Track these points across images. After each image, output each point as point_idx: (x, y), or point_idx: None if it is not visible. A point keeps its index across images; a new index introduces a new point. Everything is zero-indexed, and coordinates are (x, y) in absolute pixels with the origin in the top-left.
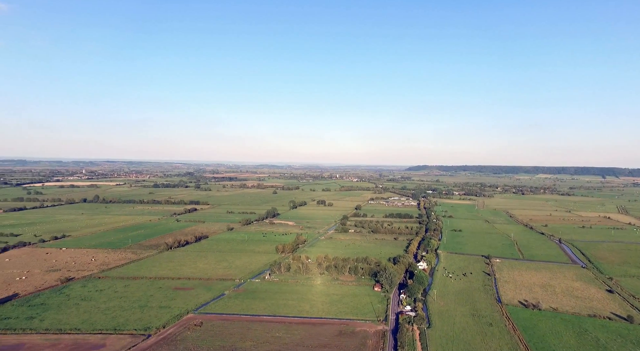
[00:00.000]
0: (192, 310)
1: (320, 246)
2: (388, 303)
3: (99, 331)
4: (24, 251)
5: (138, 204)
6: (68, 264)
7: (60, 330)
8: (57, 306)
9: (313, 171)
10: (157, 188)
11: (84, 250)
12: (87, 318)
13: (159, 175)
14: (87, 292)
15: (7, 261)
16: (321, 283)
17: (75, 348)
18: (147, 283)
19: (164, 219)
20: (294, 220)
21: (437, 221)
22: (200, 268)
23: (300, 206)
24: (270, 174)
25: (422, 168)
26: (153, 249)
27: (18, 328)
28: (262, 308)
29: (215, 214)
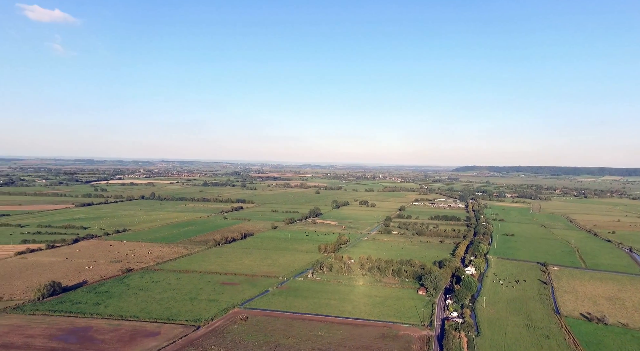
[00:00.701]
0: (238, 305)
1: (362, 247)
2: (433, 308)
3: (155, 319)
4: (92, 243)
5: (189, 201)
6: (128, 256)
7: (121, 316)
8: (118, 295)
9: (356, 171)
10: (207, 187)
11: (141, 243)
12: (144, 307)
13: (209, 174)
14: (144, 283)
15: (78, 251)
16: (363, 284)
17: (134, 334)
18: (197, 277)
19: (212, 216)
20: (336, 220)
21: (486, 224)
22: (246, 265)
23: (342, 206)
24: (313, 174)
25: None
26: (202, 244)
27: (87, 312)
28: (305, 307)
29: (260, 213)
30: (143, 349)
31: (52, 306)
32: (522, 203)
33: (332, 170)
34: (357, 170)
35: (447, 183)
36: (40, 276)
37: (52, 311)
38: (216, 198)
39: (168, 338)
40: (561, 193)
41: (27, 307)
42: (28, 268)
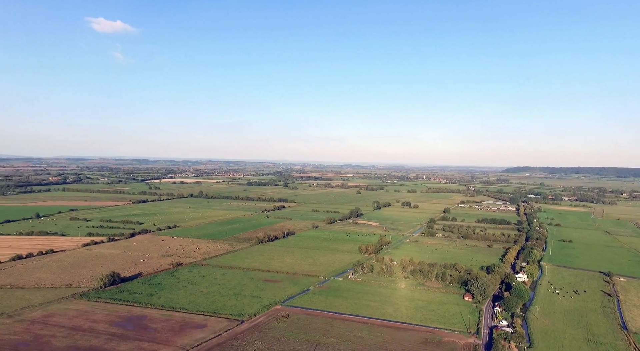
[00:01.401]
0: (279, 302)
1: (404, 249)
2: (480, 315)
3: (202, 312)
4: (146, 238)
5: (234, 200)
6: (178, 251)
7: (172, 307)
8: (169, 287)
9: (398, 171)
10: (250, 186)
11: (190, 239)
12: (192, 300)
13: (252, 174)
14: (192, 277)
15: (134, 245)
16: (405, 287)
17: (183, 324)
18: (241, 273)
19: (255, 214)
20: (378, 221)
21: (540, 229)
22: (287, 263)
23: (384, 207)
24: (354, 174)
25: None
26: (246, 242)
27: (142, 302)
28: (345, 307)
29: (302, 212)
30: (191, 340)
31: (113, 294)
32: (581, 207)
33: (373, 170)
34: (400, 170)
35: (496, 185)
36: (102, 266)
37: (112, 299)
38: (259, 197)
39: (214, 330)
40: (629, 196)
41: (92, 294)
42: (92, 259)
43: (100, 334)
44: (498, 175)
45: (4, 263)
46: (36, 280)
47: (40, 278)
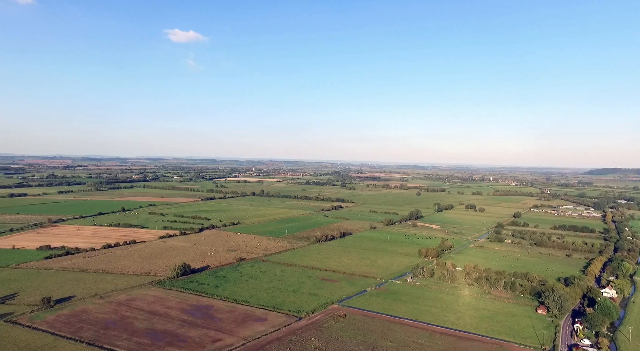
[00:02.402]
0: (336, 301)
1: (468, 254)
2: (557, 331)
3: (262, 306)
4: (213, 233)
5: (293, 199)
6: (241, 246)
7: (235, 300)
8: (233, 280)
9: (462, 172)
10: (309, 185)
11: (252, 236)
12: (254, 294)
13: (311, 173)
14: (254, 271)
15: (202, 239)
16: (469, 295)
17: (246, 317)
18: (299, 271)
19: (313, 214)
20: (439, 224)
21: (633, 239)
22: (345, 263)
23: (446, 209)
24: (414, 174)
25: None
26: (304, 240)
27: (209, 292)
28: (403, 311)
29: (359, 213)
30: (253, 332)
31: (184, 284)
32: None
33: (434, 171)
34: (464, 171)
35: (577, 188)
36: (175, 257)
37: (183, 289)
38: (317, 197)
39: (273, 324)
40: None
41: (166, 283)
42: (167, 250)
43: (173, 320)
44: (579, 177)
45: (97, 251)
46: (122, 267)
47: (125, 265)
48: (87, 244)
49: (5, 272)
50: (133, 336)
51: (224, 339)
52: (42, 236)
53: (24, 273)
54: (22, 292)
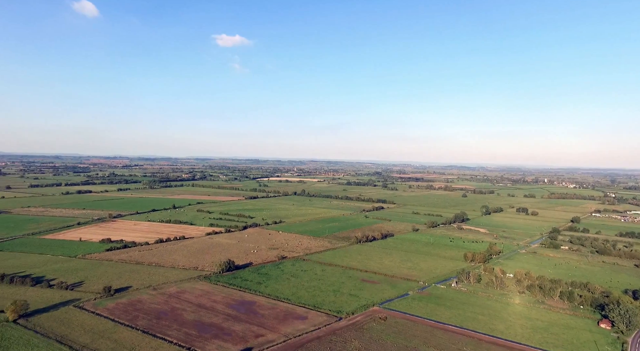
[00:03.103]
0: (377, 303)
1: (519, 260)
2: (624, 349)
3: (303, 305)
4: (256, 231)
5: (334, 199)
6: (283, 244)
7: (277, 297)
8: (275, 278)
9: (512, 173)
10: (349, 186)
11: (293, 235)
12: (295, 292)
13: (352, 174)
14: (295, 270)
15: (246, 237)
16: (520, 304)
17: (287, 314)
18: (340, 271)
19: (354, 214)
20: (486, 227)
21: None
22: (386, 265)
23: (494, 212)
24: (460, 175)
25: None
26: (345, 241)
27: (252, 289)
28: (447, 317)
29: (401, 214)
30: (293, 329)
31: (229, 279)
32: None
33: (482, 172)
34: (514, 173)
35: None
36: (220, 254)
37: (228, 284)
38: (358, 197)
39: (314, 323)
40: None
41: (212, 277)
42: (213, 247)
43: (218, 313)
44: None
45: (150, 245)
46: (172, 261)
47: (175, 260)
48: (142, 239)
49: (74, 262)
50: (182, 327)
51: (266, 335)
52: (103, 230)
53: (89, 263)
54: (88, 280)
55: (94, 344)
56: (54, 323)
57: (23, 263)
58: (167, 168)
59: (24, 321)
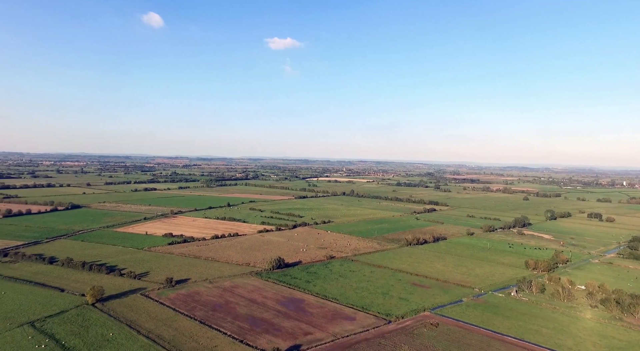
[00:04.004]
0: (428, 309)
1: (590, 270)
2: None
3: (351, 305)
4: (305, 230)
5: (383, 200)
6: (331, 244)
7: (325, 296)
8: (323, 277)
9: (583, 175)
10: (400, 187)
11: (342, 235)
12: (343, 292)
13: (402, 174)
14: (343, 270)
15: (295, 236)
16: (592, 319)
17: (335, 314)
18: (389, 273)
19: (404, 216)
20: (552, 234)
21: None
22: (438, 269)
23: (561, 217)
24: (521, 177)
25: None
26: (394, 243)
27: (301, 287)
28: (506, 327)
29: (454, 217)
30: (341, 329)
31: (279, 277)
32: None
33: (547, 173)
34: (585, 174)
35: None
36: (271, 251)
37: (278, 281)
38: (408, 198)
39: (362, 325)
40: None
41: (264, 274)
42: (264, 244)
43: (269, 309)
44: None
45: (207, 240)
46: (226, 256)
47: (229, 255)
48: (200, 234)
49: (141, 253)
50: (236, 320)
51: (314, 333)
52: (166, 225)
53: (153, 255)
54: (152, 271)
55: (157, 330)
56: (124, 308)
57: (99, 252)
58: (222, 168)
59: (100, 305)
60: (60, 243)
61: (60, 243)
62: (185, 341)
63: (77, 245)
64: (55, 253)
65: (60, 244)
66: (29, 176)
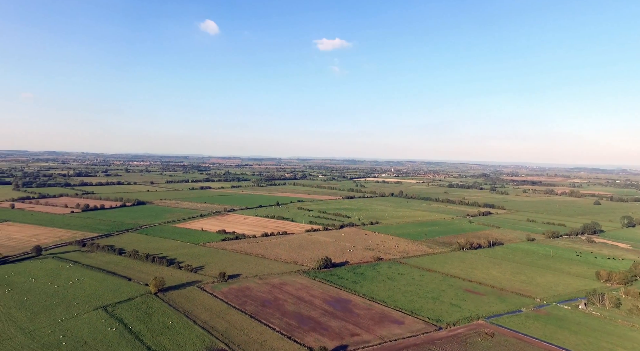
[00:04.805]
0: (483, 317)
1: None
2: None
3: (400, 309)
4: (352, 230)
5: (433, 202)
6: (379, 246)
7: (372, 298)
8: (371, 279)
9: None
10: (452, 188)
11: (389, 236)
12: (390, 295)
13: (454, 175)
14: (391, 273)
15: (342, 236)
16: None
17: (382, 316)
18: (439, 278)
19: (456, 219)
20: (629, 242)
21: None
22: (493, 276)
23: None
24: (591, 179)
25: None
26: (445, 246)
27: (348, 287)
28: (573, 343)
29: (512, 221)
30: (389, 333)
31: (326, 276)
32: None
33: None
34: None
35: None
36: (318, 250)
37: (325, 280)
38: (461, 201)
39: (411, 330)
40: None
41: (311, 273)
42: (311, 243)
43: (316, 308)
44: None
45: (257, 238)
46: (275, 254)
47: (278, 253)
48: (250, 232)
49: (197, 248)
50: (284, 316)
51: (361, 335)
52: (219, 222)
53: (208, 250)
54: (207, 265)
55: (211, 322)
56: (182, 299)
57: (160, 246)
58: (272, 168)
59: (161, 294)
60: (128, 236)
61: (127, 236)
62: (237, 334)
63: (142, 238)
64: (123, 245)
65: (128, 237)
66: (102, 175)
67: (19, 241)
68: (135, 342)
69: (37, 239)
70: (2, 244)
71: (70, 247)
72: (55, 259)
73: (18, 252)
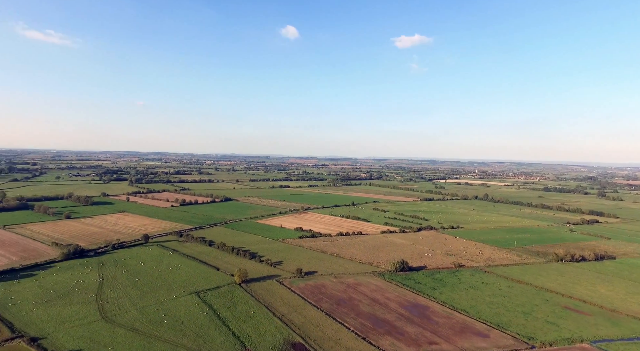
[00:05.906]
0: (588, 340)
1: None
2: None
3: (484, 321)
4: (430, 234)
5: (525, 206)
6: (460, 251)
7: (453, 306)
8: (451, 286)
9: None
10: (548, 192)
11: (472, 242)
12: (473, 305)
13: (551, 178)
14: (474, 281)
15: (420, 239)
16: None
17: (464, 327)
18: (532, 291)
19: (554, 226)
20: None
21: None
22: (602, 294)
23: None
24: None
25: None
26: (539, 256)
27: (426, 293)
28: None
29: (628, 232)
30: (472, 346)
31: (402, 279)
32: None
33: None
34: None
35: None
36: (394, 253)
37: (401, 284)
38: (560, 206)
39: (497, 345)
40: None
41: (386, 275)
42: (387, 245)
43: (391, 311)
44: None
45: (332, 237)
46: (350, 254)
47: (353, 253)
48: (326, 230)
49: (276, 244)
50: (358, 317)
51: (440, 344)
52: (297, 220)
53: (286, 246)
54: (285, 261)
55: (289, 315)
56: (262, 291)
57: (244, 240)
58: (348, 168)
59: (244, 285)
60: (217, 230)
61: (216, 230)
62: (313, 329)
63: (228, 232)
64: (212, 237)
65: (217, 230)
66: (196, 173)
67: (133, 230)
68: (222, 327)
69: (145, 228)
70: (121, 232)
71: (170, 237)
72: (159, 247)
73: (131, 238)
